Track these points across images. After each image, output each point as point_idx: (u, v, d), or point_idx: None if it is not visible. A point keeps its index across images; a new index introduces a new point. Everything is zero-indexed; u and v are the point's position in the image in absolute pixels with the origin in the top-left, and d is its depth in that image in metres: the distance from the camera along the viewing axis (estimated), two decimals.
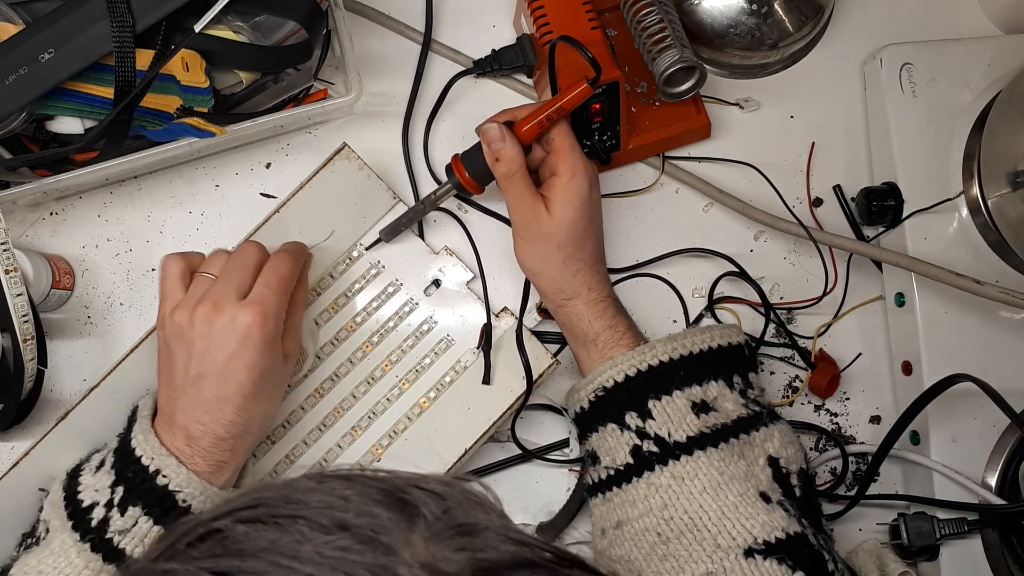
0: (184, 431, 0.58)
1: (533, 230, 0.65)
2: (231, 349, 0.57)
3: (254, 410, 0.59)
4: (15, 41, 0.60)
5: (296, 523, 0.32)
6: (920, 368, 0.70)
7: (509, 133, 0.63)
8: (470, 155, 0.67)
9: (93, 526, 0.56)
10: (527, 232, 0.65)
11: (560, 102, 0.63)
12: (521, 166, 0.63)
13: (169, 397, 0.59)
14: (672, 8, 0.71)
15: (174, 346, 0.59)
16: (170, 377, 0.59)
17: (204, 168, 0.74)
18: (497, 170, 0.64)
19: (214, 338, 0.57)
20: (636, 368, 0.61)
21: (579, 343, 0.66)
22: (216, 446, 0.58)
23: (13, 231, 0.72)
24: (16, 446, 0.69)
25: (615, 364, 0.61)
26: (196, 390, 0.58)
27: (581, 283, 0.65)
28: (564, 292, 0.65)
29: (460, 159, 0.68)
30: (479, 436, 0.67)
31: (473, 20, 0.77)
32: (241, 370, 0.57)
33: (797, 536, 0.56)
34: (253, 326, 0.57)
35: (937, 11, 0.80)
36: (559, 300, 0.66)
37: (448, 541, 0.32)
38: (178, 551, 0.33)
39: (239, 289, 0.59)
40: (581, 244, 0.64)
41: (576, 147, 0.64)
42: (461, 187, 0.68)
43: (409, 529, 0.32)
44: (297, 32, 0.66)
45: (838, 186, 0.76)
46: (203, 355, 0.58)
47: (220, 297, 0.58)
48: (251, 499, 0.34)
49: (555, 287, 0.65)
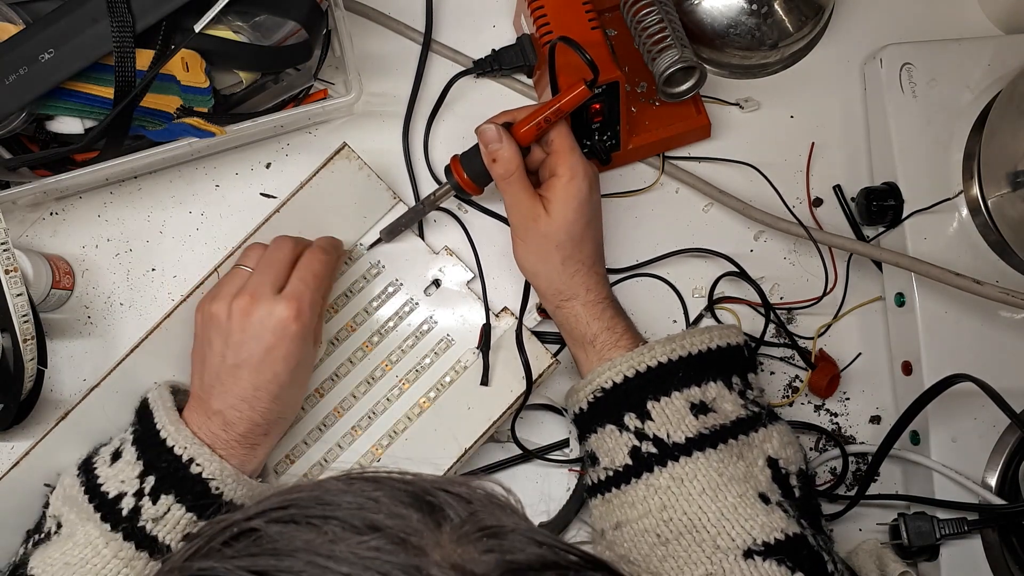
0: (220, 417, 0.60)
1: (531, 231, 0.65)
2: (268, 341, 0.59)
3: (289, 397, 0.62)
4: (15, 41, 0.60)
5: (329, 523, 0.33)
6: (920, 368, 0.70)
7: (506, 134, 0.64)
8: (469, 156, 0.67)
9: (124, 515, 0.57)
10: (525, 233, 0.65)
11: (558, 104, 0.63)
12: (519, 167, 0.64)
13: (205, 384, 0.61)
14: (672, 8, 0.71)
15: (212, 335, 0.61)
16: (207, 365, 0.61)
17: (204, 168, 0.74)
18: (494, 171, 0.65)
19: (251, 330, 0.60)
20: (635, 369, 0.61)
21: (577, 344, 0.66)
22: (252, 431, 0.60)
23: (13, 231, 0.72)
24: (16, 446, 0.69)
25: (613, 365, 0.61)
26: (233, 379, 0.60)
27: (579, 284, 0.65)
28: (562, 293, 0.65)
29: (459, 160, 0.68)
30: (479, 436, 0.67)
31: (473, 20, 0.77)
32: (279, 361, 0.60)
33: (796, 537, 0.56)
34: (289, 320, 0.60)
35: (937, 11, 0.80)
36: (557, 301, 0.66)
37: (476, 543, 0.33)
38: (213, 550, 0.33)
39: (275, 283, 0.61)
40: (580, 245, 0.64)
41: (576, 148, 0.64)
42: (460, 188, 0.68)
43: (438, 531, 0.33)
44: (297, 32, 0.66)
45: (838, 186, 0.76)
46: (240, 346, 0.60)
47: (257, 290, 0.60)
48: (282, 500, 0.35)
49: (553, 288, 0.65)
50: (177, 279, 0.72)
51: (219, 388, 0.60)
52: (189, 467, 0.58)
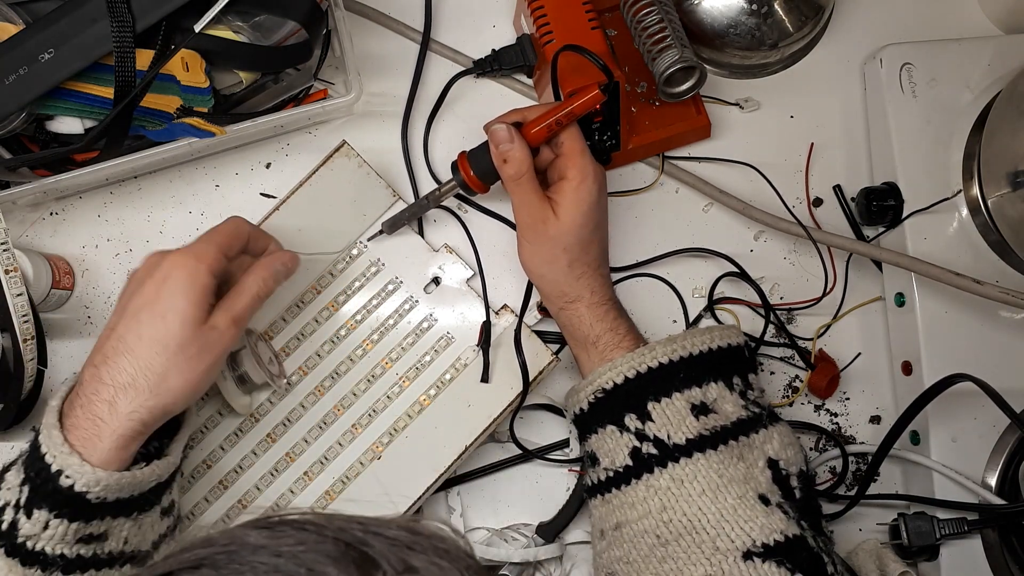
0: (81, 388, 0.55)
1: (539, 233, 0.64)
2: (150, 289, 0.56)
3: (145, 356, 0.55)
4: (15, 41, 0.60)
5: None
6: (920, 368, 0.70)
7: (518, 135, 0.63)
8: (476, 154, 0.67)
9: (3, 530, 0.53)
10: (533, 235, 0.65)
11: (571, 107, 0.62)
12: (529, 168, 0.63)
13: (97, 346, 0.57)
14: (672, 8, 0.71)
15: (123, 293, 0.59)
16: None
17: (204, 168, 0.74)
18: (504, 172, 0.64)
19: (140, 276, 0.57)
20: (635, 370, 0.61)
21: (580, 345, 0.66)
22: (97, 393, 0.54)
23: (13, 231, 0.72)
24: (16, 446, 0.69)
25: (614, 366, 0.61)
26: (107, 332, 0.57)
27: (584, 286, 0.65)
28: (567, 295, 0.65)
29: (467, 157, 0.67)
30: (480, 433, 0.67)
31: (473, 20, 0.77)
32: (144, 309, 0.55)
33: (796, 539, 0.56)
34: (177, 265, 0.56)
35: (937, 11, 0.80)
36: (561, 303, 0.66)
37: None
38: None
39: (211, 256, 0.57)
40: (587, 248, 0.64)
41: (586, 151, 0.64)
42: (466, 186, 0.68)
43: None
44: (297, 32, 0.66)
45: (838, 186, 0.76)
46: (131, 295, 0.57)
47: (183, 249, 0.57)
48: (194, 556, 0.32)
49: (558, 290, 0.65)
50: None
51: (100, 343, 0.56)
52: (59, 479, 0.52)
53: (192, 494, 0.66)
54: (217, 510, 0.66)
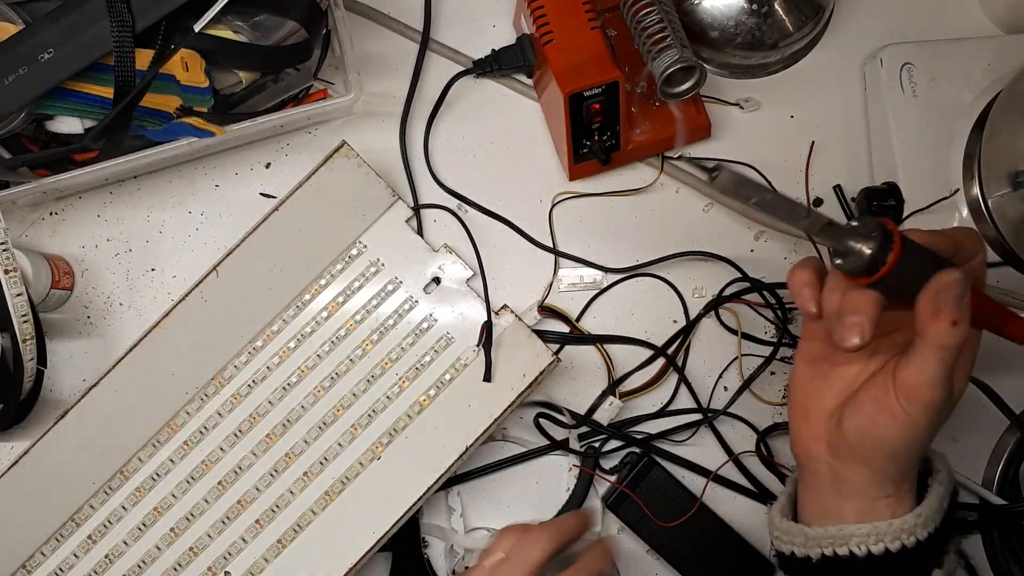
0: None
1: (938, 413, 0.50)
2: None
3: None
4: (15, 41, 0.60)
5: None
6: None
7: (968, 300, 0.46)
8: (915, 257, 0.46)
9: None
10: (936, 415, 0.50)
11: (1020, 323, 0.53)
12: (964, 340, 0.47)
13: None
14: (672, 8, 0.71)
15: None
16: None
17: (204, 168, 0.74)
18: (944, 330, 0.46)
19: None
20: (915, 538, 0.50)
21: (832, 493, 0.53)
22: None
23: (13, 231, 0.72)
24: (16, 446, 0.69)
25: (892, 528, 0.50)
26: None
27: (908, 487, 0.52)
28: (885, 488, 0.51)
29: (902, 243, 0.44)
30: (481, 433, 0.67)
31: (473, 20, 0.77)
32: None
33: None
34: None
35: (937, 11, 0.80)
36: (878, 494, 0.51)
37: None
38: None
39: None
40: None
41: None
42: (866, 267, 0.45)
43: None
44: (297, 32, 0.66)
45: (838, 186, 0.76)
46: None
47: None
48: None
49: (897, 473, 0.51)
50: (177, 279, 0.72)
51: None
52: None
53: (192, 494, 0.66)
54: (217, 510, 0.66)
